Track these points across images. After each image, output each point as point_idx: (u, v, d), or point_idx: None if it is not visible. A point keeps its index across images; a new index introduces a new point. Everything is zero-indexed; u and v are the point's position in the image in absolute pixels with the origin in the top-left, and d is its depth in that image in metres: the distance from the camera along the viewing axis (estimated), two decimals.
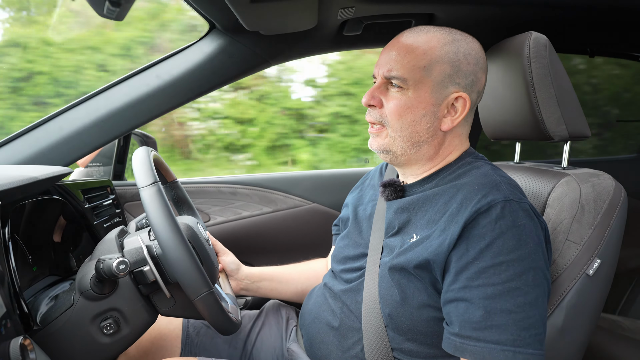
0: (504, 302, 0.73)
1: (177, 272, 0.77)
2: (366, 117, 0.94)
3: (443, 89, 0.87)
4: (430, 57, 0.86)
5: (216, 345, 1.11)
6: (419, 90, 0.86)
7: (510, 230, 0.76)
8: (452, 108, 0.88)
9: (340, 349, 0.94)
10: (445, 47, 0.86)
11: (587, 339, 0.95)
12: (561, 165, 1.08)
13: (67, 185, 1.20)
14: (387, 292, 0.87)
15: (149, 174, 0.81)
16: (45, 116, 1.25)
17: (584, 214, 0.92)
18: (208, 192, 1.69)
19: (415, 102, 0.87)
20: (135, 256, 0.84)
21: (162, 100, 1.29)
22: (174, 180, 1.12)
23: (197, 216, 1.16)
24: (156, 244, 0.84)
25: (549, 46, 0.99)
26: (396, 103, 0.87)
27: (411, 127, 0.88)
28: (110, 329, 0.83)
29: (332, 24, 1.31)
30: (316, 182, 1.79)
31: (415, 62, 0.86)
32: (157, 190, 0.79)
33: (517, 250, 0.75)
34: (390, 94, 0.89)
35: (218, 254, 1.19)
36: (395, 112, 0.88)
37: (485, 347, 0.73)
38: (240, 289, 1.21)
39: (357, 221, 1.06)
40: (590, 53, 1.80)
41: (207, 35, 1.32)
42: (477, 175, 0.86)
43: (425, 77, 0.86)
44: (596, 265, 0.90)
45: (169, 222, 0.77)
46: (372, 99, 0.90)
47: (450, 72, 0.86)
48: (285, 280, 1.24)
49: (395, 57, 0.88)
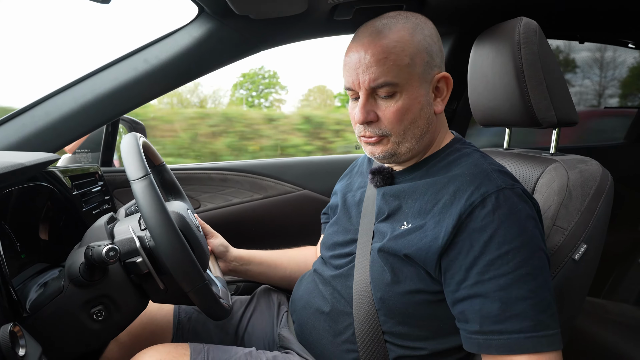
0: (518, 289, 0.74)
1: (171, 266, 0.77)
2: (362, 134, 0.90)
3: (427, 76, 0.87)
4: (409, 52, 0.84)
5: (208, 330, 1.12)
6: (409, 88, 0.85)
7: (509, 218, 0.76)
8: (437, 90, 0.89)
9: (332, 333, 0.95)
10: (415, 36, 0.85)
11: (573, 321, 0.97)
12: (549, 152, 1.09)
13: (54, 171, 1.18)
14: (378, 275, 0.88)
15: (140, 166, 0.80)
16: (31, 101, 1.22)
17: (571, 199, 0.93)
18: (198, 178, 1.68)
19: (410, 101, 0.85)
20: (127, 246, 0.83)
21: (151, 85, 1.27)
22: (161, 164, 1.11)
23: (185, 200, 1.15)
24: (148, 236, 0.83)
25: (539, 32, 0.99)
26: (393, 111, 0.85)
27: (413, 125, 0.87)
28: (100, 316, 0.83)
29: (323, 8, 1.30)
30: (307, 169, 1.79)
31: (398, 62, 0.83)
32: (149, 184, 0.78)
33: (520, 237, 0.76)
34: (381, 104, 0.86)
35: (207, 236, 1.19)
36: (396, 120, 0.86)
37: (509, 338, 0.73)
38: (229, 270, 1.21)
39: (346, 207, 1.06)
40: (580, 39, 1.81)
41: (196, 20, 1.30)
42: (468, 165, 0.87)
43: (412, 73, 0.85)
44: (582, 250, 0.91)
45: (162, 217, 0.76)
46: (369, 114, 0.86)
47: (427, 58, 0.86)
48: (274, 265, 1.24)
49: (373, 62, 0.83)
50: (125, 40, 2.96)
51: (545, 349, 0.72)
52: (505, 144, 1.26)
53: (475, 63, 1.13)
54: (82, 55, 3.14)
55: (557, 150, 1.09)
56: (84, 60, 2.71)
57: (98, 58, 1.29)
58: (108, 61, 1.27)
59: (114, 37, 3.03)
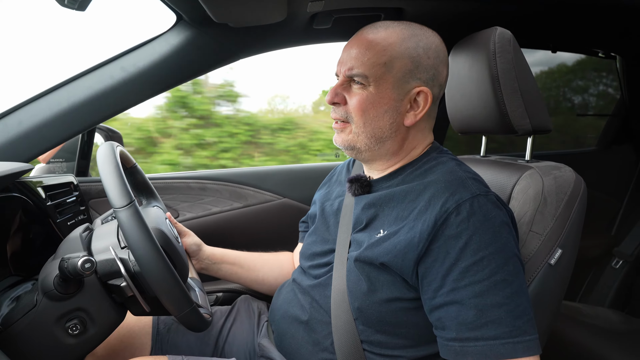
0: (494, 296, 0.74)
1: (159, 294, 0.76)
2: (331, 114, 0.94)
3: (404, 85, 0.87)
4: (390, 54, 0.86)
5: (188, 341, 1.10)
6: (380, 86, 0.87)
7: (483, 225, 0.77)
8: (415, 103, 0.89)
9: (311, 343, 0.95)
10: (405, 42, 0.87)
11: (550, 325, 0.99)
12: (525, 159, 1.11)
13: (27, 182, 1.16)
14: (355, 285, 0.88)
15: (124, 192, 0.76)
16: (3, 110, 1.19)
17: (546, 205, 0.95)
18: (176, 187, 1.66)
19: (377, 98, 0.87)
20: (108, 268, 0.80)
21: (128, 93, 1.25)
22: (133, 165, 1.09)
23: (158, 200, 1.14)
24: (132, 260, 0.80)
25: (513, 41, 1.01)
26: (359, 99, 0.88)
27: (374, 122, 0.89)
28: (75, 330, 0.80)
29: (302, 17, 1.30)
30: (287, 177, 1.78)
31: (375, 59, 0.86)
32: (135, 212, 0.75)
33: (494, 243, 0.76)
34: (353, 91, 0.90)
35: (180, 235, 1.17)
36: (358, 109, 0.88)
37: (485, 344, 0.74)
38: (201, 268, 1.20)
39: (324, 217, 1.06)
40: (553, 48, 1.86)
41: (174, 27, 1.29)
42: (443, 172, 0.88)
43: (386, 74, 0.86)
44: (558, 255, 0.93)
45: (150, 247, 0.74)
46: (336, 96, 0.91)
47: (411, 67, 0.87)
48: (247, 266, 1.23)
49: (355, 54, 0.88)
50: (102, 47, 2.91)
51: (522, 355, 0.73)
52: (482, 151, 1.28)
53: (452, 72, 1.15)
54: (58, 62, 3.06)
55: (532, 157, 1.11)
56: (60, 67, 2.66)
57: (74, 65, 1.27)
58: (84, 68, 1.25)
59: (91, 44, 2.97)
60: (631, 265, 2.20)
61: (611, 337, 1.66)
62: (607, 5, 1.38)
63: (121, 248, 0.82)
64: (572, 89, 2.95)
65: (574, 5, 1.36)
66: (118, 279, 0.80)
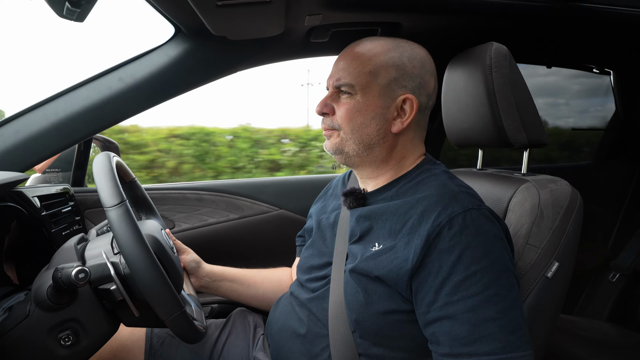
0: (487, 310, 0.73)
1: (148, 295, 0.75)
2: (320, 125, 0.98)
3: (390, 92, 0.90)
4: (375, 62, 0.90)
5: (181, 355, 1.09)
6: (366, 94, 0.90)
7: (476, 239, 0.77)
8: (402, 110, 0.92)
9: (308, 356, 0.94)
10: (390, 52, 0.91)
11: (547, 339, 0.98)
12: (521, 172, 1.12)
13: (22, 191, 1.15)
14: (352, 297, 0.88)
15: (115, 192, 0.77)
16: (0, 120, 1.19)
17: (542, 218, 0.95)
18: (173, 198, 1.66)
19: (364, 105, 0.90)
20: (100, 272, 0.80)
21: (125, 104, 1.25)
22: (132, 180, 1.09)
23: (157, 216, 1.13)
24: (123, 262, 0.80)
25: (508, 56, 1.03)
26: (346, 108, 0.92)
27: (361, 129, 0.91)
28: (68, 341, 0.79)
29: (300, 31, 1.32)
30: (283, 188, 1.78)
31: (361, 68, 0.90)
32: (125, 211, 0.75)
33: (487, 257, 0.76)
34: (341, 101, 0.93)
35: (179, 252, 1.17)
36: (346, 116, 0.91)
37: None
38: (200, 286, 1.19)
39: (321, 230, 1.06)
40: (548, 63, 1.88)
41: (173, 39, 1.30)
42: (436, 185, 0.88)
43: (372, 82, 0.90)
44: (554, 268, 0.93)
45: (139, 247, 0.74)
46: (325, 106, 0.95)
47: (396, 75, 0.90)
48: (247, 283, 1.23)
49: (342, 66, 0.93)
50: (100, 58, 2.93)
51: None
52: (479, 164, 1.28)
53: (449, 86, 1.16)
54: (56, 72, 3.09)
55: (528, 170, 1.12)
56: (57, 77, 2.67)
57: (72, 75, 1.27)
58: (82, 79, 1.26)
59: (89, 55, 3.00)
60: (628, 278, 2.20)
61: (608, 350, 1.66)
62: (601, 21, 1.40)
63: (114, 254, 0.82)
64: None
65: (568, 21, 1.38)
66: (108, 284, 0.80)
